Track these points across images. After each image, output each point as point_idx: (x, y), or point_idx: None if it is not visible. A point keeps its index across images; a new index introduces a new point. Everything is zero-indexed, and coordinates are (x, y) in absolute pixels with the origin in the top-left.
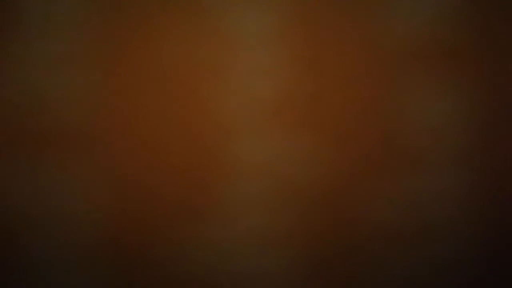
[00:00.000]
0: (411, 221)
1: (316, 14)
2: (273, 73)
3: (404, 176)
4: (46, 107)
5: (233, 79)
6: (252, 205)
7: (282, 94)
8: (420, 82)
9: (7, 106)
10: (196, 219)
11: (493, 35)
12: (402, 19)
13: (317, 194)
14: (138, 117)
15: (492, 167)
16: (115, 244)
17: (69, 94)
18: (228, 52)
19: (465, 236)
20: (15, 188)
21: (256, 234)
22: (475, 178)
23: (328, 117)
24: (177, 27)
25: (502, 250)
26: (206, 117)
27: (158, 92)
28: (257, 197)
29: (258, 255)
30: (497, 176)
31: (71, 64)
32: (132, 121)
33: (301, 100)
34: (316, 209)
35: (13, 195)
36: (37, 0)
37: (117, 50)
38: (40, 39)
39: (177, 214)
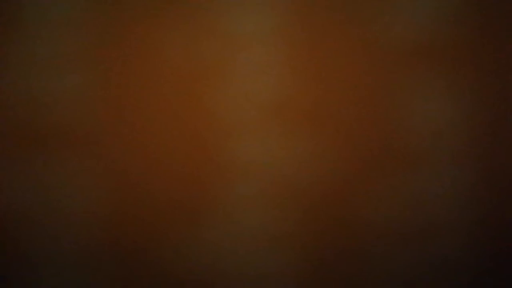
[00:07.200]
0: (411, 221)
1: (316, 14)
2: (273, 72)
3: (404, 176)
4: (46, 106)
5: (233, 78)
6: (252, 205)
7: (282, 94)
8: (420, 82)
9: (7, 105)
10: (196, 218)
11: (493, 35)
12: (402, 19)
13: (317, 194)
14: (137, 117)
15: (492, 167)
16: (114, 243)
17: (68, 94)
18: (228, 51)
19: (465, 236)
20: (15, 187)
21: (256, 234)
22: (475, 177)
23: (328, 117)
24: (176, 27)
25: (502, 250)
26: (206, 116)
27: (157, 91)
28: (257, 197)
29: (257, 255)
30: (497, 176)
31: (71, 64)
32: (131, 120)
33: (301, 100)
34: (316, 209)
35: (12, 194)
36: (37, 0)
37: (117, 49)
38: (40, 39)
39: (177, 213)
